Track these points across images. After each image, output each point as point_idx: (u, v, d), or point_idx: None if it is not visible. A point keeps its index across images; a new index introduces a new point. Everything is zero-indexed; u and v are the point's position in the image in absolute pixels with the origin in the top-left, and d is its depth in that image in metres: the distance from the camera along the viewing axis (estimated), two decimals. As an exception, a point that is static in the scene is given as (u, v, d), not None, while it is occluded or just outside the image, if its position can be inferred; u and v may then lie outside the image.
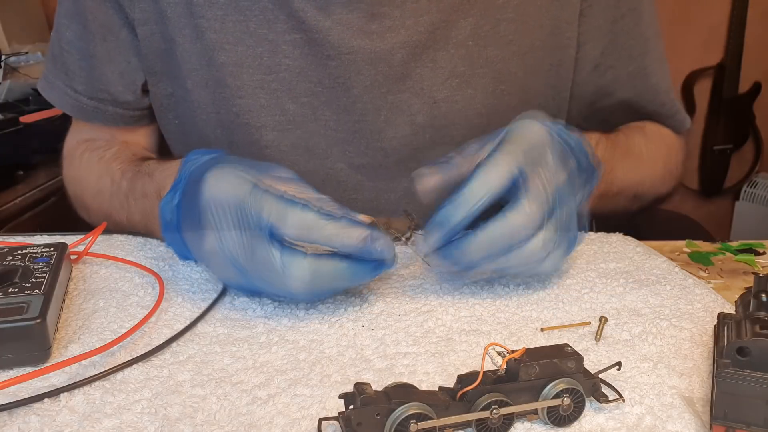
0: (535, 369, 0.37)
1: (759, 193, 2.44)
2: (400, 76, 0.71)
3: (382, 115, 0.72)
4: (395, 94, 0.71)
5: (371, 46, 0.69)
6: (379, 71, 0.70)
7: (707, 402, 0.40)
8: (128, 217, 0.68)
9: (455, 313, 0.52)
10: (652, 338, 0.48)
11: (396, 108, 0.71)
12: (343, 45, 0.69)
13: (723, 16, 2.40)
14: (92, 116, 0.77)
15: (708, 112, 2.49)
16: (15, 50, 1.60)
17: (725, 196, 2.58)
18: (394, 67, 0.70)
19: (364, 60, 0.69)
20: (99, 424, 0.37)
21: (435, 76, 0.71)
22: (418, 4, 0.69)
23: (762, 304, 0.41)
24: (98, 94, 0.76)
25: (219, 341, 0.47)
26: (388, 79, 0.70)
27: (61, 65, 0.76)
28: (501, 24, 0.72)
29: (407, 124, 0.72)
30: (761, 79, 2.44)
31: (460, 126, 0.72)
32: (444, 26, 0.70)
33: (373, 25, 0.68)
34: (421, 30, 0.69)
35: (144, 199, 0.65)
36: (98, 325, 0.49)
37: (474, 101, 0.73)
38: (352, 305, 0.53)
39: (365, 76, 0.70)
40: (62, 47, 0.76)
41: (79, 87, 0.76)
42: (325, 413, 0.38)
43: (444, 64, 0.71)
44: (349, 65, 0.69)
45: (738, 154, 2.53)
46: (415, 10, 0.69)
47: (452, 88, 0.72)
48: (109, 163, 0.73)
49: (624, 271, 0.61)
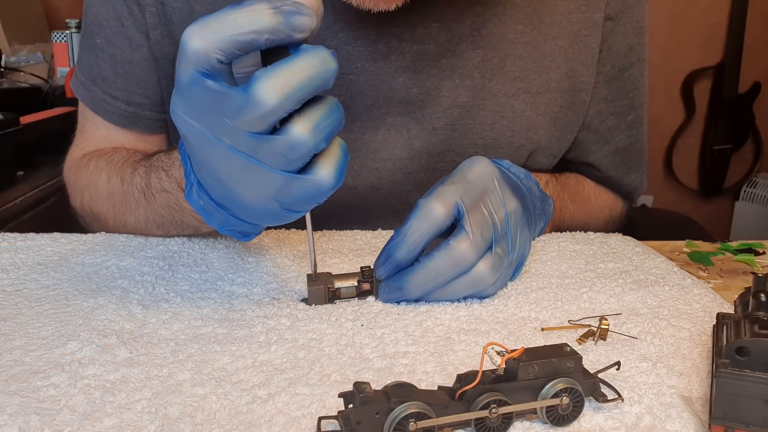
0: (534, 368, 0.37)
1: (759, 193, 2.44)
2: (402, 100, 0.70)
3: (380, 135, 0.71)
4: (394, 116, 0.71)
5: (375, 68, 0.69)
6: (381, 92, 0.70)
7: (706, 402, 0.40)
8: (146, 213, 0.67)
9: (454, 312, 0.52)
10: (651, 338, 0.48)
11: (394, 130, 0.71)
12: (347, 65, 0.68)
13: (723, 16, 2.41)
14: (130, 122, 0.76)
15: (708, 112, 2.49)
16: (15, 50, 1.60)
17: (725, 196, 2.58)
18: (396, 90, 0.70)
19: (366, 81, 0.69)
20: (99, 424, 0.37)
21: (437, 103, 0.71)
22: (428, 30, 0.68)
23: (761, 303, 0.41)
24: (136, 98, 0.75)
25: (218, 341, 0.47)
26: (388, 101, 0.70)
27: (97, 71, 0.76)
28: (509, 59, 0.71)
29: (404, 147, 0.72)
30: (761, 79, 2.44)
31: (455, 154, 0.72)
32: (451, 55, 0.70)
33: (379, 46, 0.68)
34: (426, 57, 0.69)
35: (165, 193, 0.64)
36: (99, 322, 0.49)
37: (472, 132, 0.72)
38: (352, 304, 0.53)
39: (366, 97, 0.70)
40: (96, 54, 0.75)
41: (117, 93, 0.75)
42: (325, 412, 0.38)
43: (447, 92, 0.71)
44: (352, 85, 0.69)
45: (738, 154, 2.54)
46: (424, 35, 0.68)
47: (453, 117, 0.71)
48: (119, 165, 0.72)
49: (623, 271, 0.61)
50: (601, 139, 0.80)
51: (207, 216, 0.49)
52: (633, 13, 0.76)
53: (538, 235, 0.69)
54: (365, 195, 0.74)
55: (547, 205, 0.68)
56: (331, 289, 0.53)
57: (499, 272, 0.53)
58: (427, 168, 0.73)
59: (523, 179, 0.64)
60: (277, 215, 0.46)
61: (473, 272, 0.52)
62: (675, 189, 2.55)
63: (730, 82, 2.43)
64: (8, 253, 0.62)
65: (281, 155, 0.42)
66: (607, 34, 0.74)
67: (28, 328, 0.48)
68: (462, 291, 0.53)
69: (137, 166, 0.68)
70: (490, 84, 0.71)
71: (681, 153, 2.51)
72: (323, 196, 0.45)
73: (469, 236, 0.51)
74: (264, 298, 0.54)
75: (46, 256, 0.62)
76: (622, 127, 0.80)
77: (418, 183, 0.73)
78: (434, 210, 0.52)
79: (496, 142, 0.73)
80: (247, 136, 0.42)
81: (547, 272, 0.61)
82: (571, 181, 0.81)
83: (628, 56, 0.77)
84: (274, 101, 0.41)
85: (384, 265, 0.53)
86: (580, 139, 0.79)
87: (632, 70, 0.78)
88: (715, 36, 2.42)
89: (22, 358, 0.44)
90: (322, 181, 0.44)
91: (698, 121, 2.50)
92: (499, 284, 0.55)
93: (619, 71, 0.77)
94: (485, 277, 0.52)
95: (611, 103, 0.78)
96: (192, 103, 0.43)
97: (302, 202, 0.45)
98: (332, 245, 0.67)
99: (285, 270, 0.60)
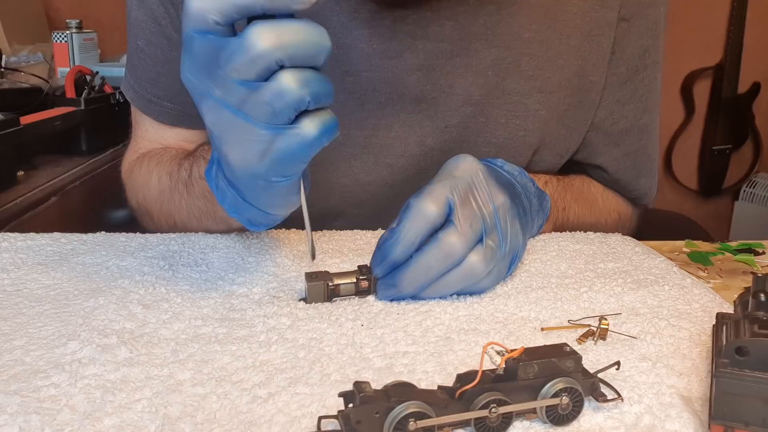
0: (533, 368, 0.37)
1: (758, 193, 2.44)
2: (415, 98, 0.71)
3: (393, 132, 0.72)
4: (408, 114, 0.71)
5: (389, 65, 0.69)
6: (395, 89, 0.70)
7: (706, 401, 0.40)
8: (188, 207, 0.69)
9: (454, 312, 0.52)
10: (651, 338, 0.48)
11: (407, 127, 0.72)
12: (361, 62, 0.69)
13: (723, 16, 2.41)
14: (177, 120, 0.78)
15: (707, 112, 2.49)
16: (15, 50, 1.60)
17: (724, 196, 2.58)
18: (410, 88, 0.70)
19: (380, 78, 0.69)
20: (100, 423, 0.37)
21: (450, 101, 0.71)
22: (442, 28, 0.68)
23: (761, 303, 0.42)
24: (181, 96, 0.75)
25: (219, 340, 0.47)
26: (402, 98, 0.70)
27: (142, 73, 0.77)
28: (523, 58, 0.71)
29: (417, 144, 0.72)
30: (761, 79, 2.44)
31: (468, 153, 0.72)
32: (464, 53, 0.70)
33: (393, 44, 0.68)
34: (440, 55, 0.69)
35: (201, 180, 0.65)
36: (99, 322, 0.49)
37: (485, 130, 0.72)
38: (351, 304, 0.53)
39: (380, 93, 0.70)
40: (139, 56, 0.76)
41: (161, 93, 0.76)
42: (325, 411, 0.38)
43: (460, 90, 0.71)
44: (366, 82, 0.69)
45: (737, 154, 2.53)
46: (438, 34, 0.68)
47: (466, 115, 0.72)
48: (168, 163, 0.74)
49: (623, 270, 0.61)
50: (612, 141, 0.79)
51: (220, 195, 0.50)
52: (648, 14, 0.75)
53: (536, 232, 0.69)
54: (378, 193, 0.74)
55: (544, 202, 0.68)
56: (330, 285, 0.53)
57: (491, 264, 0.53)
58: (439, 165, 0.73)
59: (516, 176, 0.64)
60: (266, 180, 0.47)
61: (465, 264, 0.52)
62: (675, 189, 2.55)
63: (730, 83, 2.43)
64: (8, 253, 0.62)
65: (267, 104, 0.43)
66: (622, 35, 0.74)
67: (28, 327, 0.48)
68: (456, 284, 0.53)
69: (183, 161, 0.70)
70: (504, 83, 0.71)
71: (680, 153, 2.51)
72: (308, 151, 0.45)
73: (458, 228, 0.52)
74: (264, 297, 0.54)
75: (46, 256, 0.62)
76: (634, 131, 0.79)
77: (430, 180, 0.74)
78: (426, 208, 0.52)
79: (508, 140, 0.73)
80: (236, 86, 0.43)
81: (547, 272, 0.61)
82: (576, 182, 0.81)
83: (642, 58, 0.76)
84: (264, 46, 0.42)
85: (381, 265, 0.53)
86: (589, 140, 0.78)
87: (646, 72, 0.77)
88: (715, 36, 2.42)
89: (22, 357, 0.44)
90: (306, 133, 0.44)
91: (698, 121, 2.49)
92: (494, 278, 0.55)
93: (633, 73, 0.76)
94: (477, 268, 0.52)
95: (624, 106, 0.77)
96: (193, 60, 0.44)
97: (287, 159, 0.45)
98: (332, 245, 0.67)
99: (285, 270, 0.60)
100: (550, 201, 0.70)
